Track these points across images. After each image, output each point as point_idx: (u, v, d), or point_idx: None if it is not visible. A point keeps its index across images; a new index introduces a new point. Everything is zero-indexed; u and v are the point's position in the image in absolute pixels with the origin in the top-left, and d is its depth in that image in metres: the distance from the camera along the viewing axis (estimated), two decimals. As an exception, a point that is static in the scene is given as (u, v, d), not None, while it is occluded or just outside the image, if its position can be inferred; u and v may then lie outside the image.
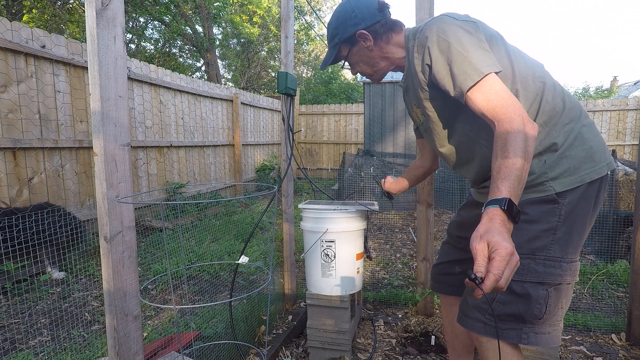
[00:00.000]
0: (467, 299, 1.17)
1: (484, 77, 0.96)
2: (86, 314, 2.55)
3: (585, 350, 2.04)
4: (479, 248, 0.74)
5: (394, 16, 1.29)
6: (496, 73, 0.98)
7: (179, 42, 12.71)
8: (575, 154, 1.07)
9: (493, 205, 0.81)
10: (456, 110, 1.16)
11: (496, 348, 1.10)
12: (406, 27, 1.28)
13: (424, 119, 1.29)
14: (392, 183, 1.76)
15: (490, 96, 0.95)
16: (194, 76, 14.11)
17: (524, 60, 1.12)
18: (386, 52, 1.26)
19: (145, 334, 2.21)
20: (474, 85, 0.96)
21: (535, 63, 1.15)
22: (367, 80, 6.74)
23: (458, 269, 1.46)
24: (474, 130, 1.16)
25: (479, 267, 0.72)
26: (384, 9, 1.23)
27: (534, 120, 1.07)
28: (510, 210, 0.80)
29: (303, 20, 14.34)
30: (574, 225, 1.07)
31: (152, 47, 13.23)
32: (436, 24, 1.07)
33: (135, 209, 4.39)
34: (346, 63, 1.36)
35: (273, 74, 15.76)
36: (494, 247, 0.73)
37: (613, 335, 2.18)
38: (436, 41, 1.04)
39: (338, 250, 1.88)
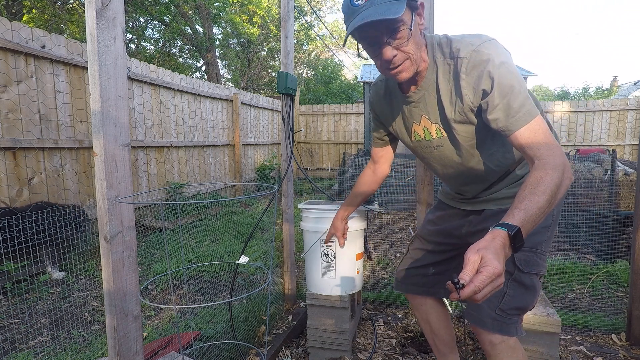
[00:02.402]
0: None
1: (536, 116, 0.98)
2: (86, 314, 2.55)
3: (585, 350, 2.04)
4: (472, 259, 0.77)
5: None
6: None
7: (179, 42, 12.71)
8: None
9: (502, 228, 0.83)
10: (485, 137, 1.16)
11: (510, 348, 1.16)
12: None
13: (440, 135, 1.21)
14: (347, 208, 1.70)
15: (537, 135, 0.96)
16: (194, 76, 14.11)
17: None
18: (422, 48, 1.08)
19: (145, 334, 2.21)
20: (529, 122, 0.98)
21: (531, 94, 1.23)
22: (367, 79, 6.73)
23: (432, 270, 1.48)
24: (491, 157, 1.20)
25: (465, 275, 0.75)
26: None
27: None
28: (515, 239, 0.82)
29: (303, 20, 14.35)
30: (555, 226, 1.25)
31: (152, 47, 13.23)
32: (493, 49, 1.01)
33: (135, 209, 4.39)
34: (400, 31, 1.00)
35: (273, 74, 15.77)
36: (485, 263, 0.76)
37: (613, 335, 2.18)
38: (499, 69, 0.99)
39: (338, 250, 1.88)
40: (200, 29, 12.18)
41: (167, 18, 10.60)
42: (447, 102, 1.12)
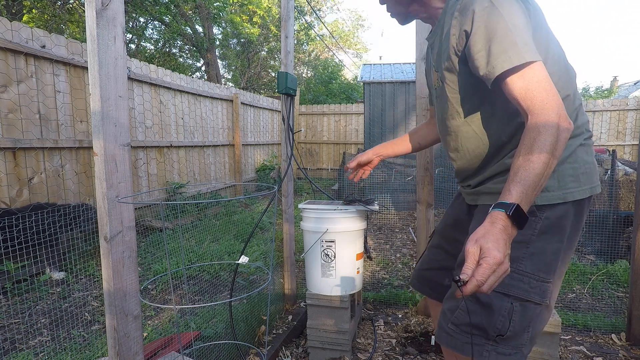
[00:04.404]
0: (443, 305, 1.12)
1: (529, 63, 0.87)
2: (86, 314, 2.55)
3: (585, 350, 2.04)
4: (471, 251, 0.76)
5: None
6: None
7: (179, 42, 12.71)
8: (563, 171, 1.02)
9: (499, 209, 0.80)
10: (473, 94, 1.06)
11: None
12: None
13: (439, 85, 1.16)
14: (386, 147, 1.54)
15: (531, 85, 0.86)
16: (194, 76, 14.11)
17: (559, 65, 1.03)
18: (407, 2, 1.13)
19: (145, 334, 2.21)
20: (512, 69, 0.87)
21: (571, 71, 1.07)
22: (367, 79, 6.73)
23: (448, 281, 1.37)
24: (483, 123, 1.08)
25: (467, 269, 0.74)
26: None
27: None
28: (516, 217, 0.79)
29: (303, 20, 14.34)
30: (550, 242, 1.01)
31: (152, 47, 13.23)
32: None
33: (135, 209, 4.39)
34: None
35: (273, 74, 15.76)
36: (484, 254, 0.74)
37: (613, 335, 2.18)
38: (486, 9, 0.90)
39: (338, 250, 1.88)
40: (200, 29, 12.18)
41: (167, 18, 10.60)
42: (445, 47, 1.06)
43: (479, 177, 1.15)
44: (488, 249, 0.74)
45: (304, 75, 18.01)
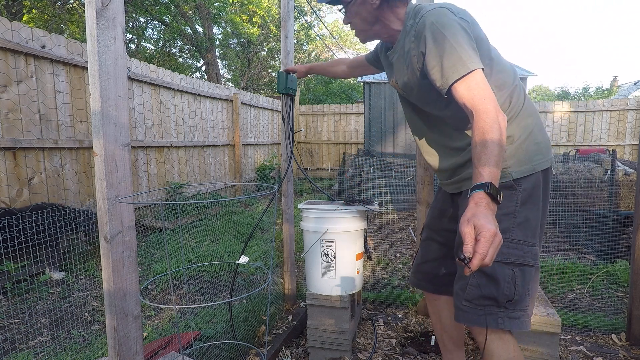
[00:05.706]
0: (454, 287, 1.23)
1: (471, 72, 1.03)
2: (86, 314, 2.55)
3: (585, 350, 2.04)
4: (466, 231, 0.84)
5: None
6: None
7: (179, 42, 12.70)
8: (527, 147, 1.20)
9: (477, 190, 0.91)
10: (435, 101, 1.24)
11: (499, 339, 1.15)
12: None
13: (405, 95, 1.37)
14: (316, 67, 2.00)
15: (472, 87, 1.03)
16: (194, 76, 14.10)
17: (502, 65, 1.24)
18: (385, 19, 1.28)
19: (145, 334, 2.21)
20: (459, 78, 1.04)
21: (511, 67, 1.28)
22: (367, 79, 6.73)
23: (444, 270, 1.48)
24: (444, 124, 1.28)
25: (468, 247, 0.82)
26: None
27: None
28: (493, 192, 0.90)
29: (303, 20, 14.34)
30: (531, 211, 1.18)
31: (152, 47, 13.22)
32: (436, 16, 1.11)
33: (135, 209, 4.39)
34: (344, 9, 1.34)
35: (273, 74, 15.75)
36: (479, 230, 0.83)
37: (613, 335, 2.18)
38: (433, 33, 1.09)
39: (338, 250, 1.88)
40: (200, 29, 12.18)
41: (167, 18, 10.59)
42: (407, 65, 1.24)
43: (454, 161, 1.31)
44: (482, 225, 0.83)
45: (304, 75, 17.96)
